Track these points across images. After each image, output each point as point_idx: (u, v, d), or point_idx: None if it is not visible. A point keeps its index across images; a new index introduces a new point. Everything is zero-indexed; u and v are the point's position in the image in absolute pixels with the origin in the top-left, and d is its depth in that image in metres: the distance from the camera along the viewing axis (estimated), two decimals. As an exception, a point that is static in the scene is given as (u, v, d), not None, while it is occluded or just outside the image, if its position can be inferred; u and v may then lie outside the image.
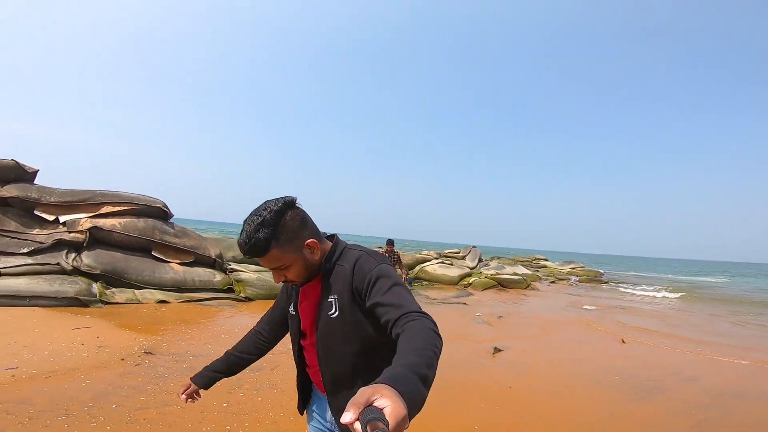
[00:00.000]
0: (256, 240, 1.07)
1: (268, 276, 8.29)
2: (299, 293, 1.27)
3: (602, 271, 27.44)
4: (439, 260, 14.86)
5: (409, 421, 0.64)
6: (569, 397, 3.87)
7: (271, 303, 3.98)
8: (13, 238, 6.27)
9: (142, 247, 7.30)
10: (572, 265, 25.70)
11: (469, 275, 14.29)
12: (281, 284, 1.24)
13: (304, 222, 1.16)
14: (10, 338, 3.96)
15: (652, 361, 5.48)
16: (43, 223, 6.81)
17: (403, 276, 8.70)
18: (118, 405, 2.83)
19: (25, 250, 6.09)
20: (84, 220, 6.84)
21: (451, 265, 14.68)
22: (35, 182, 7.40)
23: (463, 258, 16.16)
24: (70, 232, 6.60)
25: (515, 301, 11.16)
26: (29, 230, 6.53)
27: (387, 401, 0.61)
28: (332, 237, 1.28)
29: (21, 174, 7.11)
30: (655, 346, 6.45)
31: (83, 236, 6.61)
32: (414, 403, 0.67)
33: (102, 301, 5.89)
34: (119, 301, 6.16)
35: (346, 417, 0.58)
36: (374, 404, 0.61)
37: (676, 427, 3.36)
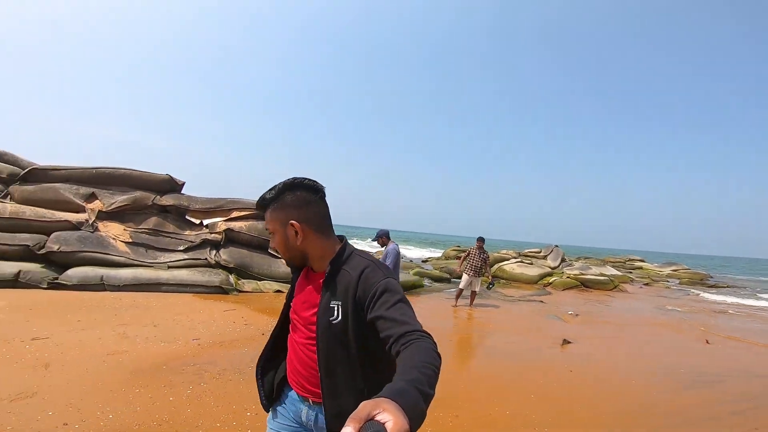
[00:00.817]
0: (262, 198, 1.23)
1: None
2: (295, 287, 1.33)
3: (710, 275, 24.65)
4: (518, 259, 14.98)
5: None
6: (623, 382, 4.35)
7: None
8: (172, 238, 8.20)
9: (260, 245, 8.90)
10: (673, 267, 23.55)
11: (549, 275, 14.22)
12: None
13: (304, 205, 1.20)
14: (187, 317, 5.49)
15: (726, 360, 5.56)
16: (191, 225, 8.73)
17: (488, 275, 9.00)
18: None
19: (182, 248, 7.96)
20: (220, 222, 8.61)
21: (531, 264, 14.72)
22: (182, 192, 9.43)
23: (544, 257, 16.02)
24: (211, 233, 8.40)
25: (596, 301, 11.04)
26: (182, 231, 8.44)
27: (389, 416, 0.60)
28: (341, 238, 1.30)
29: (174, 186, 9.11)
30: (739, 348, 6.32)
31: (220, 236, 8.35)
32: (415, 419, 0.66)
33: (236, 290, 7.51)
34: (247, 290, 7.74)
35: (347, 431, 0.57)
36: (376, 418, 0.60)
37: (716, 412, 3.70)
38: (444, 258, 19.48)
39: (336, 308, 1.15)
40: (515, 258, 15.40)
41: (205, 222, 8.70)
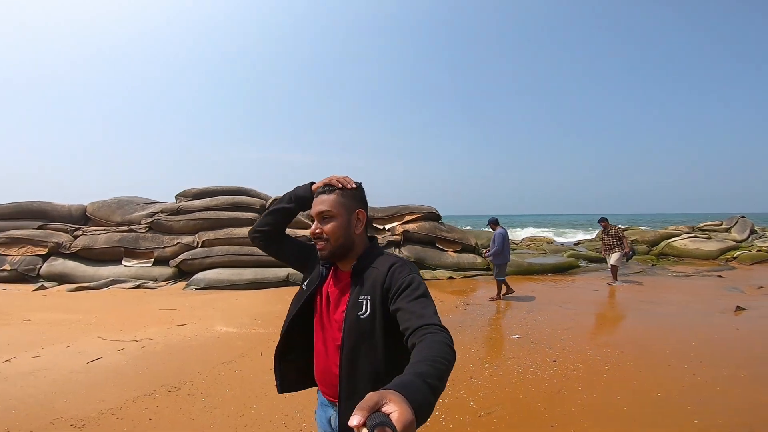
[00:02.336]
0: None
1: (515, 257, 10.66)
2: (329, 276, 1.31)
3: None
4: (692, 234, 13.84)
5: (416, 428, 0.64)
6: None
7: (516, 278, 7.06)
8: (366, 240, 10.78)
9: (429, 241, 10.88)
10: None
11: (734, 248, 12.85)
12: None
13: (365, 202, 1.31)
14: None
15: None
16: (377, 230, 11.23)
17: (627, 248, 8.95)
18: (465, 325, 5.72)
19: (375, 248, 10.45)
20: (398, 226, 10.89)
21: (709, 238, 13.48)
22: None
23: (727, 230, 14.34)
24: (392, 235, 10.72)
25: (796, 275, 9.86)
26: (376, 234, 10.97)
27: (394, 407, 0.62)
28: (372, 239, 1.34)
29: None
30: None
31: (400, 237, 10.60)
32: (421, 411, 0.68)
33: (421, 277, 9.60)
34: (427, 278, 9.74)
35: (354, 420, 0.59)
36: (382, 409, 0.62)
37: None
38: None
39: (365, 303, 1.15)
40: (687, 233, 14.24)
41: (387, 227, 11.09)
